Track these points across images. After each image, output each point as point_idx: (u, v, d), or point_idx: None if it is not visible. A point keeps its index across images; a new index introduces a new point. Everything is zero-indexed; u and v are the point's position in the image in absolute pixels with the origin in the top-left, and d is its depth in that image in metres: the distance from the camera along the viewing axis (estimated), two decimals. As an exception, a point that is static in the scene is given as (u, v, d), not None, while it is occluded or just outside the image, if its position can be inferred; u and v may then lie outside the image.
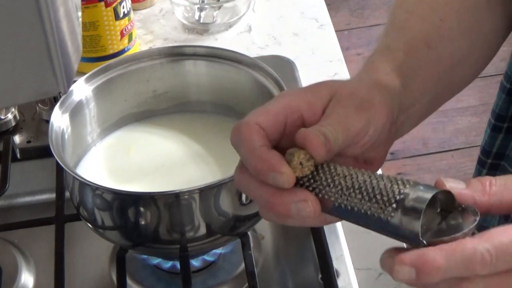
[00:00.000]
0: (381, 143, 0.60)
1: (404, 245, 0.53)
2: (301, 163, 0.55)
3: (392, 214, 0.51)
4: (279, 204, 0.55)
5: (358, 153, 0.59)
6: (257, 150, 0.55)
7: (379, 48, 0.66)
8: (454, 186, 0.52)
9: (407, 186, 0.52)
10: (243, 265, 0.76)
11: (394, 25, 0.69)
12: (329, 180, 0.55)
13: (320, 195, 0.55)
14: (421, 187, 0.52)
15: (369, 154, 0.60)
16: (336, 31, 1.13)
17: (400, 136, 0.64)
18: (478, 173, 0.92)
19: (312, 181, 0.56)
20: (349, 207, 0.54)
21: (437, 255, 0.48)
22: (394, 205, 0.51)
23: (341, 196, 0.54)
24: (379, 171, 0.64)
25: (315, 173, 0.56)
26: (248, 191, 0.58)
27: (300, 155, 0.55)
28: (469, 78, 0.71)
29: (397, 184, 0.52)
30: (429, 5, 0.68)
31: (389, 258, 0.50)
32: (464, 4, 0.69)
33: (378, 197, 0.52)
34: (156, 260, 0.80)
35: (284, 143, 0.57)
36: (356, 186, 0.54)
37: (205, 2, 1.13)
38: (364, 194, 0.53)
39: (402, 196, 0.51)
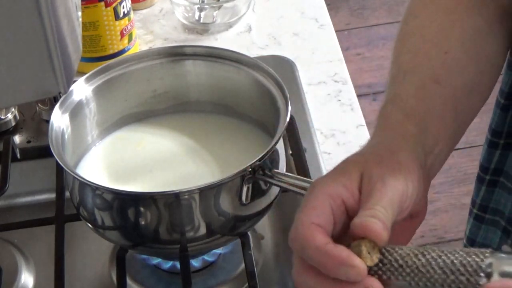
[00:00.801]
0: (420, 195, 0.60)
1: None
2: (368, 253, 0.56)
3: (480, 283, 0.53)
4: None
5: (406, 216, 0.59)
6: (323, 247, 0.55)
7: (389, 97, 0.66)
8: None
9: (487, 254, 0.53)
10: (243, 265, 0.76)
11: (400, 68, 0.68)
12: (400, 262, 0.56)
13: (392, 278, 0.56)
14: (503, 254, 0.53)
15: (414, 209, 0.60)
16: (336, 31, 1.13)
17: (432, 177, 0.64)
18: (477, 190, 0.92)
19: (380, 265, 0.56)
20: (428, 284, 0.55)
21: None
22: (482, 274, 0.53)
23: (417, 274, 0.55)
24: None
25: (381, 257, 0.56)
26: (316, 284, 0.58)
27: (366, 244, 0.56)
28: (484, 100, 0.71)
29: (475, 254, 0.54)
30: (431, 41, 0.68)
31: None
32: (465, 33, 0.69)
33: (462, 268, 0.54)
34: (156, 260, 0.80)
35: (335, 232, 0.58)
36: (434, 263, 0.55)
37: (205, 2, 1.13)
38: (445, 269, 0.54)
39: (488, 265, 0.53)
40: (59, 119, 0.75)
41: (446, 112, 0.65)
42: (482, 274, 0.53)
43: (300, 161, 0.84)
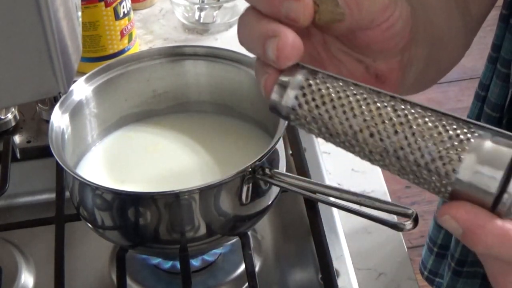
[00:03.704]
0: (396, 50, 0.54)
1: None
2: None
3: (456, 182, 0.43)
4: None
5: (377, 41, 0.52)
6: None
7: None
8: None
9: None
10: (243, 265, 0.76)
11: None
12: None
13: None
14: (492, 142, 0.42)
15: (381, 65, 0.54)
16: (336, 31, 1.13)
17: (406, 81, 0.59)
18: (455, 245, 0.91)
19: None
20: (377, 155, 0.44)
21: (491, 230, 0.43)
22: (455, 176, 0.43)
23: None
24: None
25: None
26: (246, 30, 0.50)
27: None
28: (451, 63, 0.67)
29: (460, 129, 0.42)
30: None
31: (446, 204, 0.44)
32: None
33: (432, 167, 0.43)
34: (156, 260, 0.80)
35: None
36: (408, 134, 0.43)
37: (205, 2, 1.13)
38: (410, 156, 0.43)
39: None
40: (59, 119, 0.75)
41: (426, 25, 0.60)
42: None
43: (300, 161, 0.84)
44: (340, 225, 0.82)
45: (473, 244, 0.44)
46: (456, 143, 0.42)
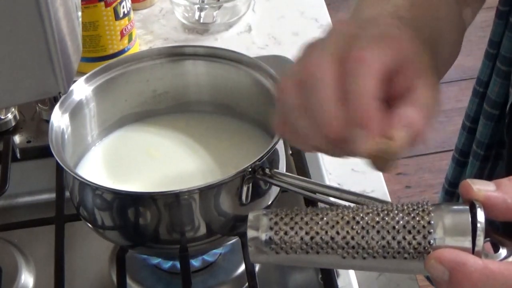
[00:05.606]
0: None
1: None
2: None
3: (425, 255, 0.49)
4: None
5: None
6: (370, 102, 0.49)
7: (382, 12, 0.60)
8: (482, 188, 0.48)
9: (430, 208, 0.49)
10: (243, 265, 0.76)
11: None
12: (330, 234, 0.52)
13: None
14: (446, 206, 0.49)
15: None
16: (336, 31, 1.13)
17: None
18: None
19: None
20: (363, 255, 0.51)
21: (476, 271, 0.45)
22: (429, 251, 0.49)
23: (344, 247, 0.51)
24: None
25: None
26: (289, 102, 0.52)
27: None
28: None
29: (417, 212, 0.50)
30: None
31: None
32: None
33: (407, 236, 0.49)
34: (156, 260, 0.80)
35: None
36: (371, 232, 0.51)
37: (205, 2, 1.14)
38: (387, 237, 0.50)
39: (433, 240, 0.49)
40: (59, 119, 0.75)
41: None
42: (429, 251, 0.48)
43: (300, 161, 0.84)
44: (340, 225, 0.82)
45: (460, 283, 0.45)
46: (422, 222, 0.49)
